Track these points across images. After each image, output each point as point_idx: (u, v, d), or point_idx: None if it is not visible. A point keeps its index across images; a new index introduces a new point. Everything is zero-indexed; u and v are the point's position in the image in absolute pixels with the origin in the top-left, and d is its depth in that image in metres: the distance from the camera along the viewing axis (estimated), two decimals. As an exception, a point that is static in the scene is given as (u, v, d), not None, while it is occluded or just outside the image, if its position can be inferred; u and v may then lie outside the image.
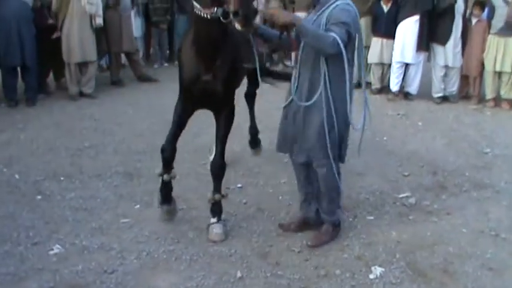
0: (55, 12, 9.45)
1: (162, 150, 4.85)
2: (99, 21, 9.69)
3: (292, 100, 4.53)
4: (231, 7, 3.80)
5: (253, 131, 6.77)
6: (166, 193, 5.06)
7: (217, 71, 4.48)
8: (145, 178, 5.94)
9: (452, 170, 6.57)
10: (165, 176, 4.95)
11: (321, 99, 4.31)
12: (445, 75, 10.08)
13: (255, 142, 6.80)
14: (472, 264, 4.46)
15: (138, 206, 5.47)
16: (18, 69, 9.30)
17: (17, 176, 6.19)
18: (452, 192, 5.93)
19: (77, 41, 9.39)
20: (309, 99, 4.36)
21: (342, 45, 4.05)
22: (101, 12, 9.76)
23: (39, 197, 5.60)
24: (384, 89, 10.33)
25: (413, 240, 4.82)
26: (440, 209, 5.49)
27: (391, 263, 4.47)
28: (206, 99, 4.68)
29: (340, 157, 4.60)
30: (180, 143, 5.34)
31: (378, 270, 4.33)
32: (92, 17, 9.54)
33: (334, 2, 4.24)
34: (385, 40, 10.01)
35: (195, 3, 4.23)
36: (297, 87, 4.48)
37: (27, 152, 6.95)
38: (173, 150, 4.85)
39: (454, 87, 10.16)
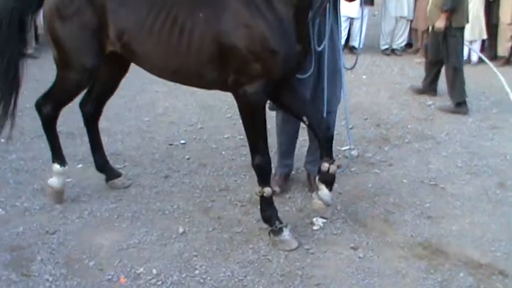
0: None
1: (262, 167, 4.04)
2: None
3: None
4: None
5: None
6: (276, 212, 4.20)
7: (304, 40, 3.93)
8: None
9: (395, 122, 6.67)
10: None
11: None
12: (394, 28, 10.18)
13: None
14: (411, 214, 4.56)
15: (80, 165, 5.40)
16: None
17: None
18: (395, 144, 6.02)
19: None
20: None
21: None
22: None
23: (-22, 160, 5.47)
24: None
25: (355, 192, 4.89)
26: (382, 160, 5.58)
27: (332, 214, 4.51)
28: (290, 77, 4.00)
29: None
30: (122, 101, 5.28)
31: (319, 222, 4.37)
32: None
33: None
34: (329, -6, 9.98)
35: None
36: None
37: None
38: (270, 162, 4.13)
39: (401, 39, 10.26)
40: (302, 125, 4.66)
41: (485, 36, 9.72)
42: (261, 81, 3.75)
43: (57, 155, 4.61)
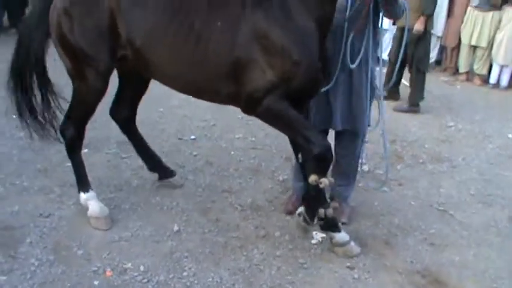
0: None
1: (322, 155, 3.62)
2: None
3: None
4: None
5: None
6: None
7: (324, 57, 3.78)
8: (98, 123, 5.76)
9: (412, 140, 6.50)
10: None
11: (362, 64, 4.05)
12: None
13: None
14: (414, 238, 4.39)
15: (86, 150, 5.30)
16: None
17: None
18: (408, 163, 5.86)
19: None
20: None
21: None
22: None
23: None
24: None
25: (360, 209, 4.75)
26: (393, 179, 5.41)
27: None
28: (306, 94, 3.78)
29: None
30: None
31: (318, 236, 4.23)
32: None
33: None
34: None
35: None
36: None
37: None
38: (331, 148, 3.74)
39: (430, 55, 10.06)
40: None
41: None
42: (279, 90, 3.53)
43: (83, 183, 4.25)
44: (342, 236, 4.05)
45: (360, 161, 4.68)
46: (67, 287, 3.49)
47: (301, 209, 4.13)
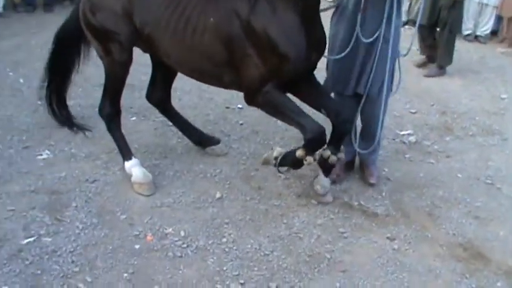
0: None
1: (315, 140, 3.81)
2: None
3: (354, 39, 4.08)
4: None
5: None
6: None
7: (318, 43, 3.97)
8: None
9: (462, 112, 6.35)
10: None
11: (382, 34, 4.04)
12: (479, 13, 9.72)
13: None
14: (458, 211, 4.34)
15: (134, 118, 5.43)
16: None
17: (21, 80, 6.21)
18: (457, 135, 5.74)
19: None
20: (372, 35, 4.04)
21: None
22: None
23: (39, 102, 5.44)
24: (410, 23, 9.93)
25: (404, 180, 4.70)
26: (440, 150, 5.32)
27: (375, 199, 4.37)
28: (300, 78, 3.98)
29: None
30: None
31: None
32: None
33: None
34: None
35: None
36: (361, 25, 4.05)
37: (35, 57, 6.67)
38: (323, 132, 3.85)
39: (486, 26, 9.79)
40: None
41: None
42: (273, 81, 3.75)
43: (125, 153, 4.42)
44: (325, 181, 4.21)
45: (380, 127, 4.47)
46: (109, 250, 3.59)
47: (279, 152, 4.08)
